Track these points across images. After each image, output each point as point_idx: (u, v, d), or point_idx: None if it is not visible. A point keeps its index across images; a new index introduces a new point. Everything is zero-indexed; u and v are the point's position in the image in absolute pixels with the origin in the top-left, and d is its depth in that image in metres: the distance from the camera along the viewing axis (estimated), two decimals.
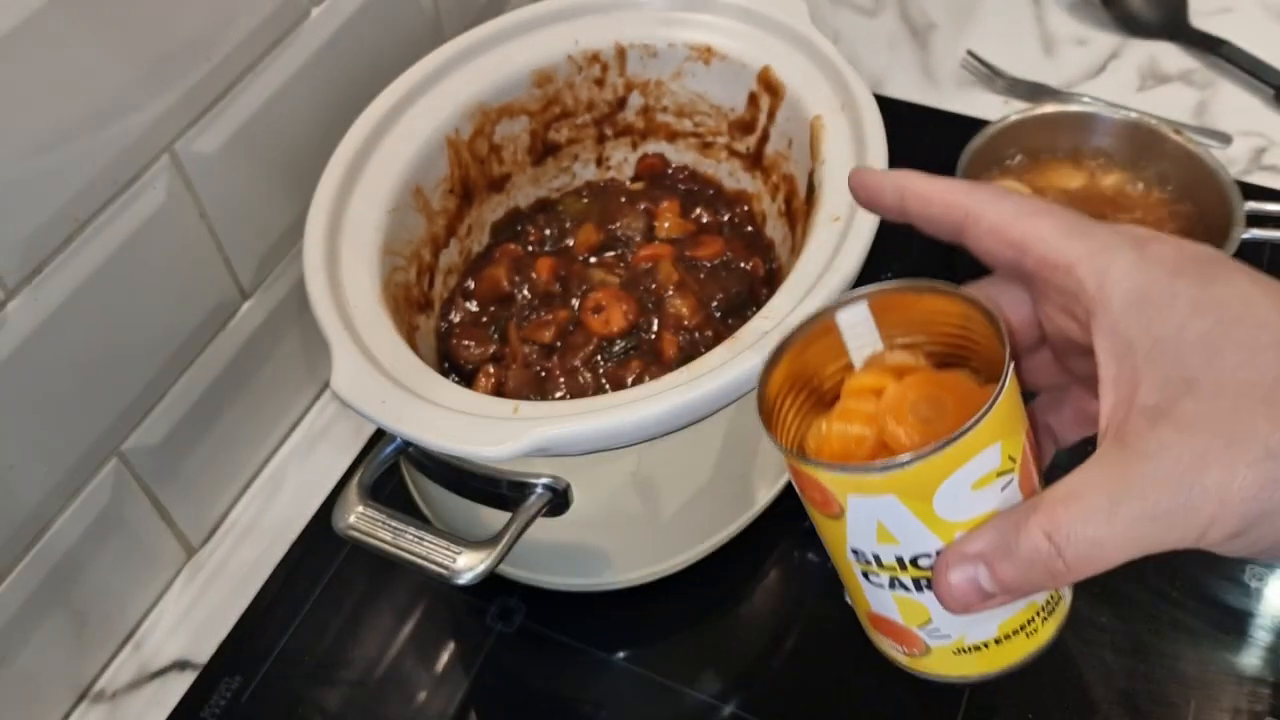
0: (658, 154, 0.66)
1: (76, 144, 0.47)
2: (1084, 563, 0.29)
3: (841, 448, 0.36)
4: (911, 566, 0.33)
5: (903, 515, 0.32)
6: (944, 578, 0.31)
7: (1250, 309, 0.29)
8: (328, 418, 0.68)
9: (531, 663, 0.57)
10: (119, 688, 0.57)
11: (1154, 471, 0.28)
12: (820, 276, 0.47)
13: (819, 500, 0.34)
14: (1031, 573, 0.30)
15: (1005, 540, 0.30)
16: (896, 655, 0.38)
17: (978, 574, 0.31)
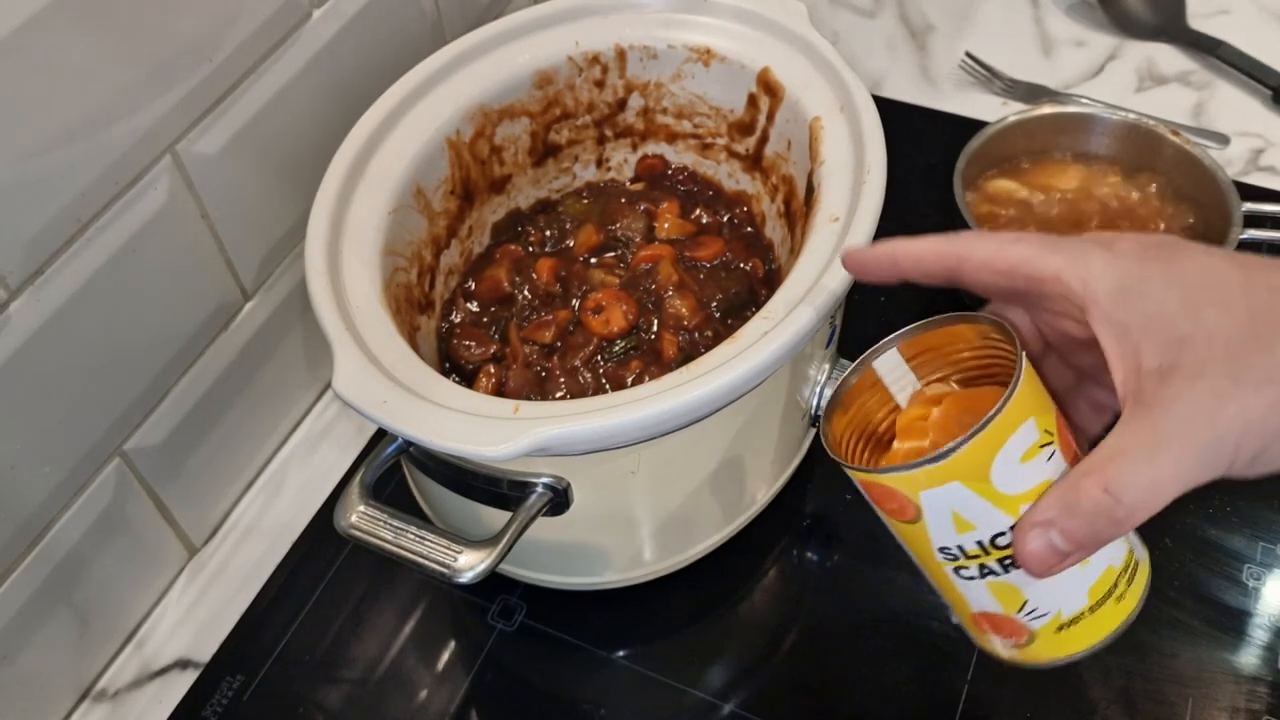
0: (658, 155, 0.66)
1: (78, 145, 0.47)
2: (1140, 507, 0.33)
3: None
4: (994, 549, 0.37)
5: (970, 499, 0.36)
6: (1023, 546, 0.35)
7: (1211, 273, 0.35)
8: (329, 418, 0.68)
9: (532, 661, 0.57)
10: (121, 687, 0.57)
11: (1179, 416, 0.33)
12: (819, 277, 0.47)
13: (897, 509, 0.38)
14: (1097, 524, 0.34)
15: (1067, 502, 0.34)
16: (1008, 652, 0.40)
17: (1051, 536, 0.35)
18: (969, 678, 0.54)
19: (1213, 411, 0.33)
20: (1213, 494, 0.60)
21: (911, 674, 0.54)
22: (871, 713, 0.53)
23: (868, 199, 0.50)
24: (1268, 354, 0.33)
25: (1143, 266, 0.35)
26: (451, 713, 0.55)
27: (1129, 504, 0.33)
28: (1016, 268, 0.37)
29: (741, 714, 0.54)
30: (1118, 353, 0.35)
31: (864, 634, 0.56)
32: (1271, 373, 0.33)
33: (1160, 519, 0.59)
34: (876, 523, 0.61)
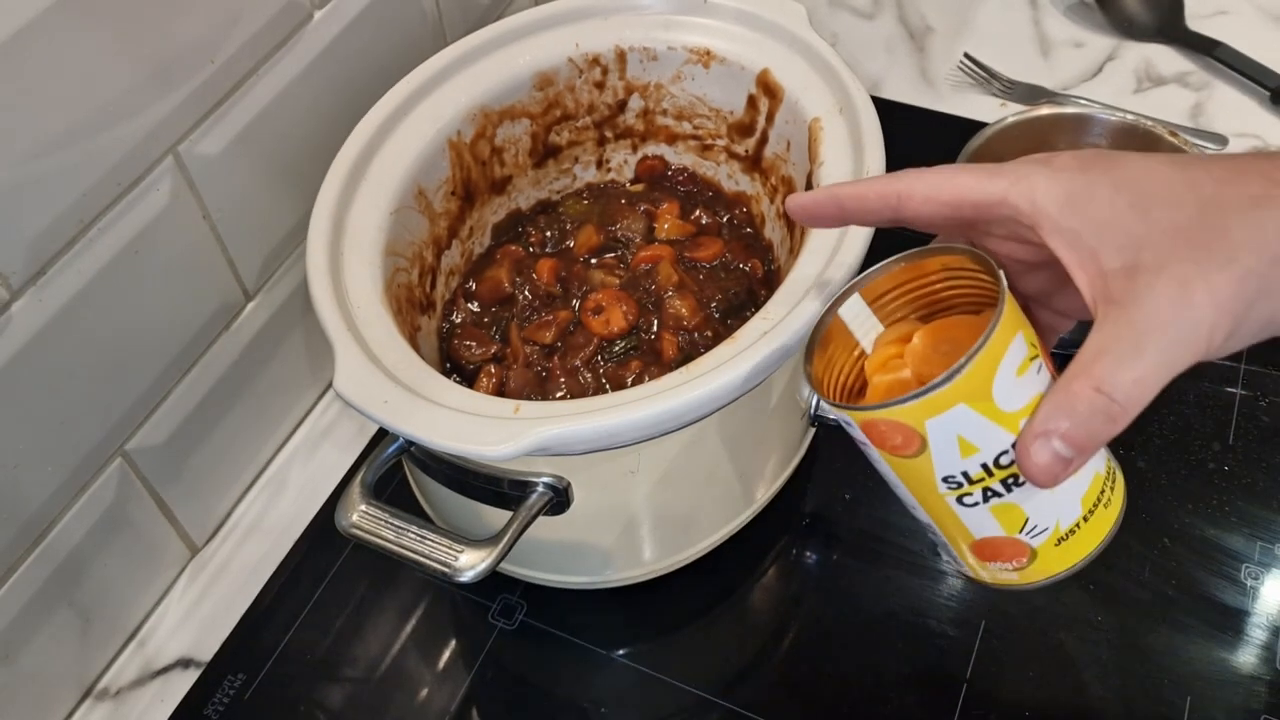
0: (658, 156, 0.66)
1: (81, 146, 0.47)
2: (1133, 399, 0.34)
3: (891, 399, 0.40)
4: (997, 469, 0.37)
5: (975, 420, 0.36)
6: (1028, 459, 0.36)
7: (1152, 174, 0.36)
8: (330, 417, 0.68)
9: (532, 659, 0.57)
10: (123, 685, 0.58)
11: (1152, 308, 0.34)
12: (818, 277, 0.48)
13: (900, 444, 0.38)
14: (1094, 424, 0.35)
15: (1063, 407, 0.35)
16: (1009, 577, 0.41)
17: (1053, 444, 0.35)
18: (968, 676, 0.54)
19: (1183, 298, 0.33)
20: (1211, 494, 0.60)
21: (911, 673, 0.55)
22: (871, 711, 0.54)
23: None
24: (1223, 237, 0.34)
25: (1086, 176, 0.36)
26: (452, 712, 0.55)
27: (1122, 399, 0.34)
28: (962, 197, 0.38)
29: (741, 713, 0.54)
30: (1076, 260, 0.35)
31: (864, 633, 0.56)
32: (1231, 252, 0.34)
33: (1159, 519, 0.60)
34: (876, 522, 0.62)
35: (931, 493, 0.39)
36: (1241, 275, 0.34)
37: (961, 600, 0.57)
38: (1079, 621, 0.56)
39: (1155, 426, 0.63)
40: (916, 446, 0.37)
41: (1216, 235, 0.34)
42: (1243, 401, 0.64)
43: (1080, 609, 0.56)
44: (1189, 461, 0.62)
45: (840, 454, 0.63)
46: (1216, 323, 0.34)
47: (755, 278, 0.61)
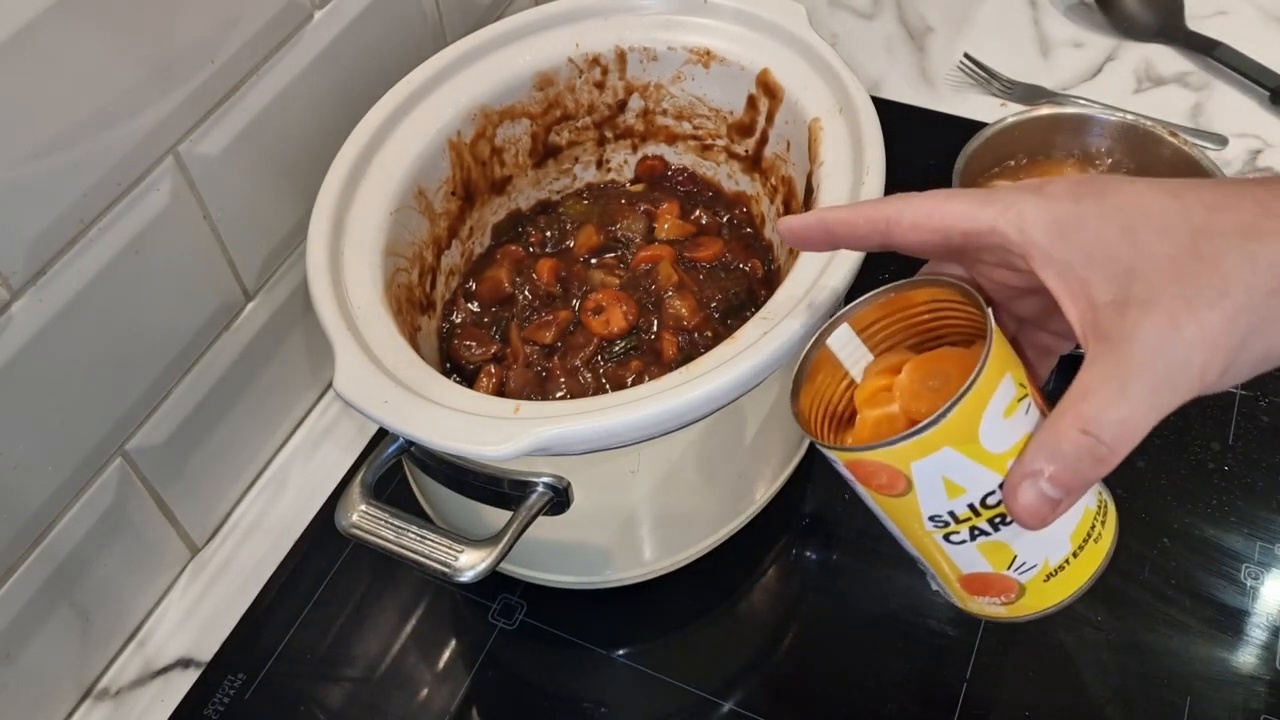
0: (657, 156, 0.66)
1: (81, 146, 0.47)
2: (1121, 441, 0.34)
3: (879, 436, 0.39)
4: (984, 509, 0.37)
5: (961, 462, 0.36)
6: (1015, 501, 0.35)
7: (1144, 204, 0.35)
8: (330, 417, 0.68)
9: (532, 659, 0.57)
10: (123, 685, 0.58)
11: (1141, 347, 0.33)
12: (818, 278, 0.48)
13: (886, 484, 0.38)
14: (1081, 466, 0.34)
15: (1049, 449, 0.34)
16: (997, 610, 0.41)
17: (1041, 486, 0.35)
18: (967, 677, 0.54)
19: (1173, 336, 0.33)
20: (1211, 494, 0.60)
21: (910, 673, 0.55)
22: (870, 712, 0.54)
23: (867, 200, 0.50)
24: (1214, 271, 0.33)
25: (1076, 205, 0.35)
26: (452, 711, 0.55)
27: (1109, 440, 0.33)
28: (951, 225, 0.37)
29: (741, 712, 0.54)
30: (1066, 291, 0.35)
31: (863, 633, 0.56)
32: (1222, 287, 0.33)
33: (1159, 519, 0.60)
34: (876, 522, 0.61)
35: (918, 530, 0.39)
36: (1233, 312, 0.33)
37: None
38: (1079, 621, 0.56)
39: (1155, 427, 0.63)
40: (902, 487, 0.37)
41: (1207, 268, 0.33)
42: (1243, 401, 0.64)
43: (1080, 609, 0.56)
44: (1189, 461, 0.62)
45: None
46: (1209, 361, 0.33)
47: (755, 278, 0.61)
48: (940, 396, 0.37)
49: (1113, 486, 0.61)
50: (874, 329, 0.42)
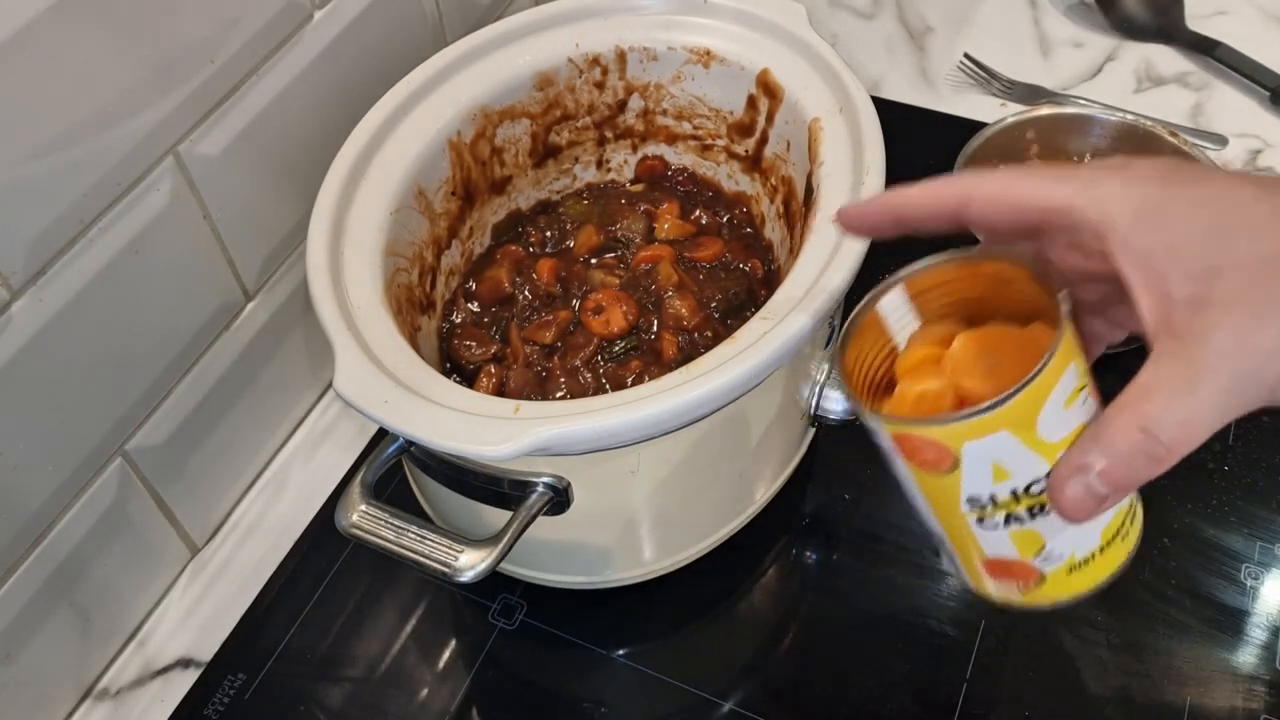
0: (658, 156, 0.67)
1: (81, 146, 0.47)
2: (1180, 443, 0.32)
3: (920, 410, 0.38)
4: (1025, 496, 0.36)
5: (1014, 448, 0.35)
6: (1062, 492, 0.34)
7: (1236, 199, 0.33)
8: (331, 417, 0.68)
9: (532, 659, 0.57)
10: (123, 685, 0.58)
11: (1215, 349, 0.32)
12: (819, 278, 0.48)
13: (931, 460, 0.36)
14: (1134, 464, 0.33)
15: (1104, 444, 0.33)
16: (1010, 596, 0.40)
17: (1090, 480, 0.34)
18: (968, 676, 0.54)
19: (1250, 342, 0.31)
20: (1211, 494, 0.60)
21: (910, 673, 0.55)
22: (871, 711, 0.54)
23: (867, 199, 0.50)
24: None
25: (1163, 190, 0.33)
26: (452, 711, 0.55)
27: (1167, 441, 0.32)
28: (1026, 201, 0.36)
29: (741, 713, 0.54)
30: (1142, 282, 0.33)
31: (863, 633, 0.56)
32: None
33: (1159, 519, 0.60)
34: (876, 522, 0.62)
35: (952, 510, 0.38)
36: None
37: (961, 600, 0.57)
38: (1079, 621, 0.56)
39: None
40: (947, 465, 0.36)
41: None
42: None
43: (1080, 609, 0.56)
44: (1189, 461, 0.61)
45: (840, 454, 0.63)
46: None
47: (755, 278, 0.61)
48: (996, 377, 0.35)
49: None
50: (927, 295, 0.40)
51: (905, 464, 0.38)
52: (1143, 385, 0.33)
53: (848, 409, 0.56)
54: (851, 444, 0.63)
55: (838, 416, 0.56)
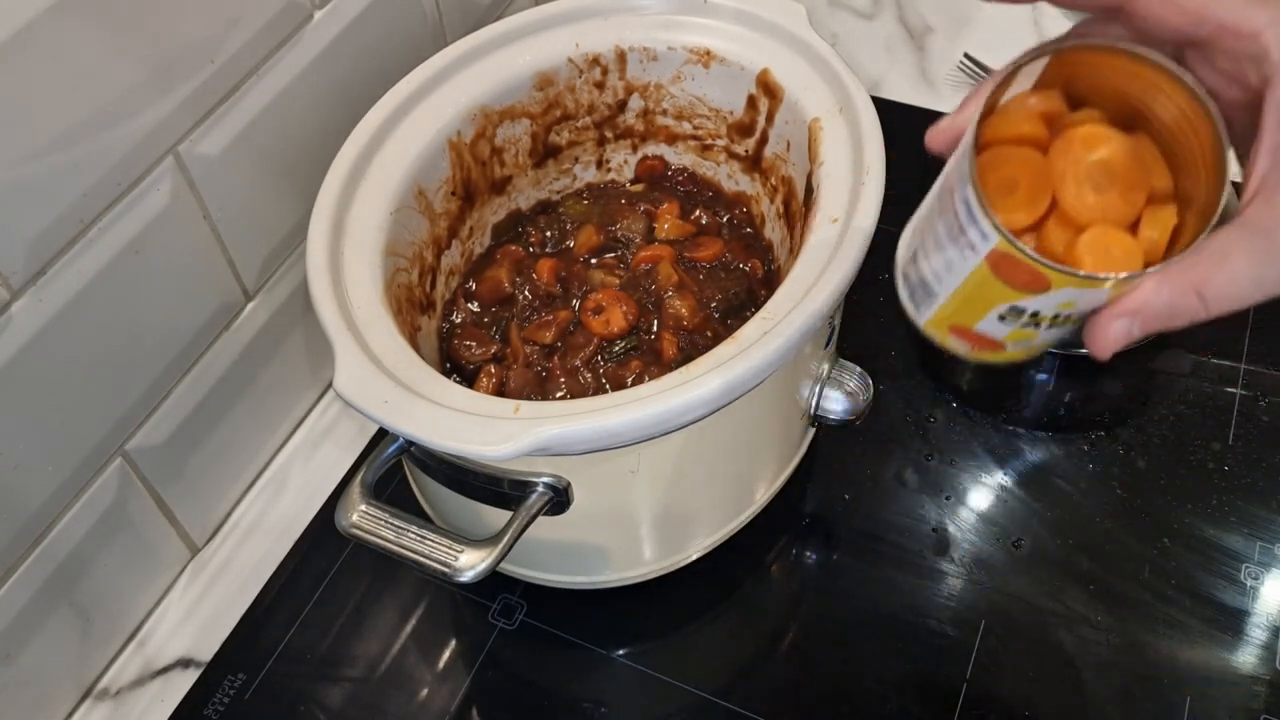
0: (657, 156, 0.66)
1: (81, 146, 0.47)
2: (1221, 311, 0.33)
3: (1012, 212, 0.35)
4: (1063, 320, 0.35)
5: (1098, 300, 0.34)
6: (1105, 332, 0.34)
7: None
8: (331, 417, 0.68)
9: (532, 659, 0.57)
10: (123, 685, 0.58)
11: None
12: (819, 278, 0.48)
13: (1020, 282, 0.34)
14: (1176, 322, 0.34)
15: (1162, 299, 0.33)
16: (959, 350, 0.39)
17: (1132, 326, 0.34)
18: (967, 677, 0.54)
19: None
20: (1211, 494, 0.60)
21: (910, 673, 0.55)
22: (870, 711, 0.54)
23: (867, 200, 0.50)
24: None
25: None
26: (452, 711, 0.55)
27: (1213, 309, 0.33)
28: (1210, 12, 0.33)
29: (741, 712, 0.54)
30: (1274, 144, 0.32)
31: (863, 633, 0.56)
32: None
33: (1159, 519, 0.60)
34: (876, 522, 0.62)
35: (985, 301, 0.36)
36: None
37: (961, 600, 0.57)
38: (1079, 621, 0.56)
39: (1155, 426, 0.63)
40: (1030, 290, 0.34)
41: None
42: (1243, 401, 0.64)
43: (1080, 609, 0.56)
44: (1189, 461, 0.62)
45: (840, 454, 0.63)
46: None
47: (755, 278, 0.61)
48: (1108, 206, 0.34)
49: (1113, 486, 0.61)
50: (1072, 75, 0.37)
51: (983, 261, 0.35)
52: (1217, 250, 0.32)
53: (847, 410, 0.56)
54: (851, 444, 0.63)
55: (838, 416, 0.56)
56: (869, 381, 0.56)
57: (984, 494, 0.61)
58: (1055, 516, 0.60)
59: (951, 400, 0.66)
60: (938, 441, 0.64)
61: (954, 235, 0.36)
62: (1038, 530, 0.59)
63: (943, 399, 0.66)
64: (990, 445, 0.63)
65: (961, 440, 0.64)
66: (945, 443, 0.64)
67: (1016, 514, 0.60)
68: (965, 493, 0.61)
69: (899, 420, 0.65)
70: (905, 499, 0.61)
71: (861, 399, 0.56)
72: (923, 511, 0.61)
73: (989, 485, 0.62)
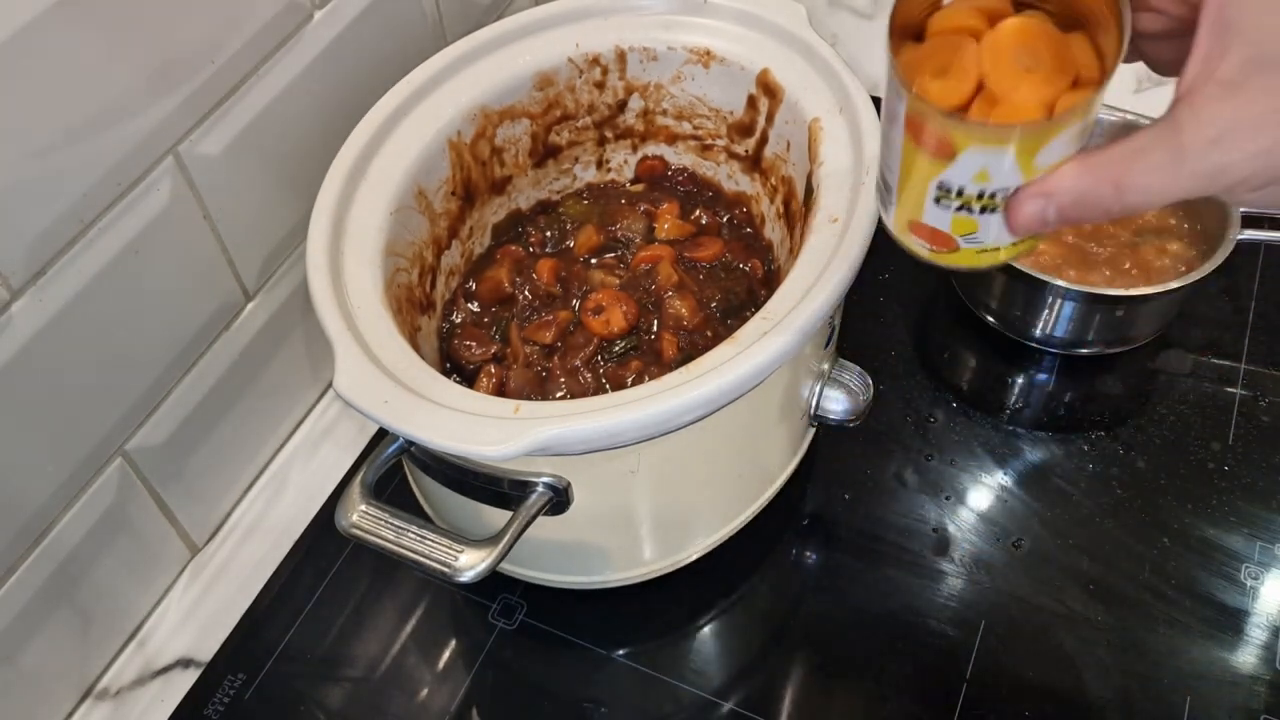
0: (658, 156, 0.66)
1: (81, 146, 0.47)
2: (1136, 206, 0.35)
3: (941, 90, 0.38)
4: (988, 199, 0.37)
5: (1009, 163, 0.36)
6: (1020, 209, 0.36)
7: None
8: (331, 417, 0.68)
9: (532, 659, 0.57)
10: (123, 685, 0.58)
11: (1212, 136, 0.33)
12: (819, 278, 0.48)
13: (932, 146, 0.37)
14: (1090, 211, 0.35)
15: (1080, 185, 0.35)
16: (919, 250, 0.41)
17: (1048, 209, 0.36)
18: (967, 677, 0.54)
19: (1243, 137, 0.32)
20: (1211, 494, 0.60)
21: (910, 673, 0.55)
22: (870, 711, 0.54)
23: (867, 200, 0.50)
24: None
25: None
26: (452, 711, 0.55)
27: (1127, 203, 0.34)
28: None
29: (741, 712, 0.54)
30: (1204, 52, 0.33)
31: (863, 633, 0.56)
32: None
33: (1159, 519, 0.60)
34: (876, 522, 0.62)
35: (919, 182, 0.38)
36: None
37: (961, 600, 0.57)
38: (1079, 621, 0.56)
39: (1155, 427, 0.63)
40: (944, 156, 0.37)
41: None
42: (1243, 401, 0.64)
43: (1080, 609, 0.56)
44: (1189, 461, 0.62)
45: (840, 454, 0.63)
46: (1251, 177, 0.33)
47: (755, 278, 0.61)
48: (1029, 83, 0.35)
49: (1113, 486, 0.61)
50: None
51: (903, 131, 0.38)
52: (1137, 145, 0.34)
53: (847, 410, 0.56)
54: (851, 444, 0.63)
55: (838, 416, 0.56)
56: (869, 381, 0.56)
57: (984, 494, 0.61)
58: (1055, 516, 0.60)
59: (951, 400, 0.66)
60: (938, 441, 0.64)
61: (890, 116, 0.39)
62: (1038, 530, 0.59)
63: (943, 399, 0.66)
64: (990, 445, 0.63)
65: (961, 440, 0.64)
66: (945, 443, 0.64)
67: (1016, 514, 0.60)
68: (965, 493, 0.61)
69: (899, 420, 0.65)
70: (905, 499, 0.61)
71: (861, 399, 0.56)
72: (923, 511, 0.61)
73: (989, 485, 0.62)
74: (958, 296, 0.70)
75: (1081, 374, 0.67)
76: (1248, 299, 0.69)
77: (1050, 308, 0.64)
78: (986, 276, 0.66)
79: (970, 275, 0.69)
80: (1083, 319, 0.64)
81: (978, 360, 0.68)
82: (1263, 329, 0.67)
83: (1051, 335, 0.66)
